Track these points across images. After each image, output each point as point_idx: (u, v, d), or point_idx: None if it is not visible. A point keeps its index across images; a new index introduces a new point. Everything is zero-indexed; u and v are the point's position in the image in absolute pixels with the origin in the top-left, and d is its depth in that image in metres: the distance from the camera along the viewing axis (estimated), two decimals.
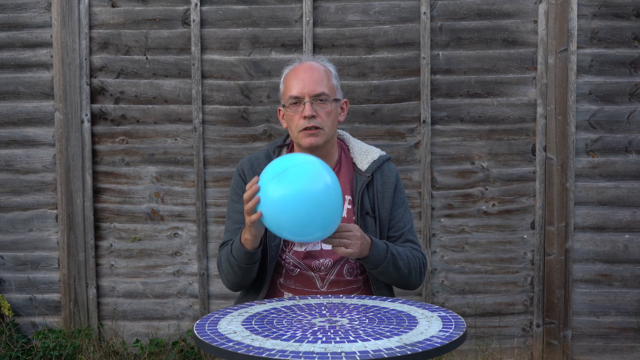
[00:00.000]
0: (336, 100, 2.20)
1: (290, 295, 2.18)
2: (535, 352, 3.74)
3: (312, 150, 2.16)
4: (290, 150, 2.28)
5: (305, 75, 2.16)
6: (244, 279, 2.15)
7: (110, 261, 3.84)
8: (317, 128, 2.14)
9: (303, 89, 2.15)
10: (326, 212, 1.85)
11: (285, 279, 2.21)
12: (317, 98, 2.15)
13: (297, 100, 2.15)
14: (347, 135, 2.35)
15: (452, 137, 3.72)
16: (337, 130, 2.31)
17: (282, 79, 2.24)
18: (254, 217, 1.89)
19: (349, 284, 2.20)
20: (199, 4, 3.70)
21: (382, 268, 2.09)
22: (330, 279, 2.18)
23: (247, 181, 2.20)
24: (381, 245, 2.09)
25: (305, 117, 2.13)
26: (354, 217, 2.20)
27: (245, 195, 1.90)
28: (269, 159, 2.24)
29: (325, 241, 1.98)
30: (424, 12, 3.65)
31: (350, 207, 2.21)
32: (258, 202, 1.87)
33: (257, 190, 1.87)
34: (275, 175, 1.85)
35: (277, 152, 2.26)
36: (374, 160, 2.24)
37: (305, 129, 2.14)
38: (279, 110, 2.27)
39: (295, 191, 1.81)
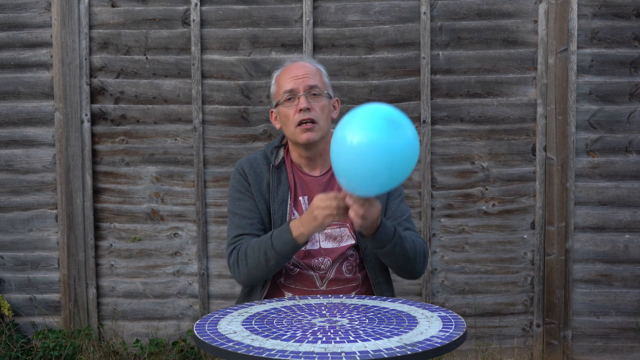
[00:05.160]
0: (329, 96, 2.23)
1: (291, 295, 2.19)
2: (535, 352, 3.74)
3: (308, 147, 2.19)
4: (287, 151, 2.30)
5: (299, 72, 2.20)
6: (269, 274, 2.13)
7: (110, 261, 3.84)
8: (312, 122, 2.16)
9: (297, 83, 2.18)
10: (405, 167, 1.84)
11: (285, 278, 2.22)
12: (311, 92, 2.18)
13: (292, 95, 2.18)
14: None
15: (452, 137, 3.72)
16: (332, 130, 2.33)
17: (273, 80, 2.28)
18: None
19: (348, 282, 2.21)
20: (199, 4, 3.70)
21: (388, 248, 2.07)
22: (330, 277, 2.19)
23: (249, 179, 2.22)
24: (389, 226, 2.08)
25: (300, 110, 2.15)
26: None
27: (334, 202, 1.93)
28: (266, 159, 2.26)
29: (350, 200, 1.93)
30: (424, 12, 3.65)
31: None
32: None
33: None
34: (386, 121, 1.81)
35: (274, 152, 2.28)
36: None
37: (301, 123, 2.15)
38: (271, 112, 2.30)
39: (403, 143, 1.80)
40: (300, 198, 2.22)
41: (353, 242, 2.21)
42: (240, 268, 2.15)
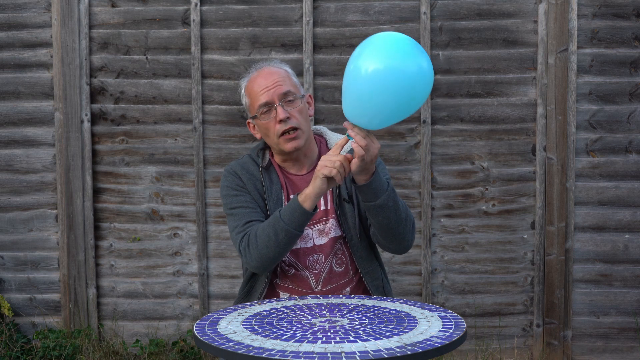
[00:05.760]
0: (302, 96, 2.24)
1: (287, 295, 2.20)
2: (535, 352, 3.74)
3: (294, 152, 2.20)
4: (271, 153, 2.31)
5: (268, 81, 2.20)
6: (280, 253, 2.09)
7: (110, 261, 3.84)
8: (295, 130, 2.17)
9: (270, 94, 2.18)
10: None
11: (280, 278, 2.24)
12: (286, 99, 2.18)
13: (268, 107, 2.18)
14: (324, 129, 2.39)
15: (452, 137, 3.72)
16: (314, 126, 2.35)
17: (242, 92, 2.28)
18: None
19: (340, 277, 2.23)
20: (199, 4, 3.70)
21: (383, 200, 2.04)
22: (324, 275, 2.21)
23: (243, 179, 2.24)
24: (383, 178, 2.06)
25: (281, 121, 2.16)
26: (333, 205, 2.23)
27: (337, 155, 1.96)
28: (254, 161, 2.28)
29: (353, 132, 1.93)
30: (424, 12, 3.65)
31: (330, 197, 2.25)
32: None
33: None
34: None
35: (260, 154, 2.29)
36: (351, 148, 2.26)
37: (284, 133, 2.16)
38: (248, 123, 2.31)
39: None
40: (292, 196, 2.24)
41: (340, 233, 2.23)
42: (250, 251, 2.12)
